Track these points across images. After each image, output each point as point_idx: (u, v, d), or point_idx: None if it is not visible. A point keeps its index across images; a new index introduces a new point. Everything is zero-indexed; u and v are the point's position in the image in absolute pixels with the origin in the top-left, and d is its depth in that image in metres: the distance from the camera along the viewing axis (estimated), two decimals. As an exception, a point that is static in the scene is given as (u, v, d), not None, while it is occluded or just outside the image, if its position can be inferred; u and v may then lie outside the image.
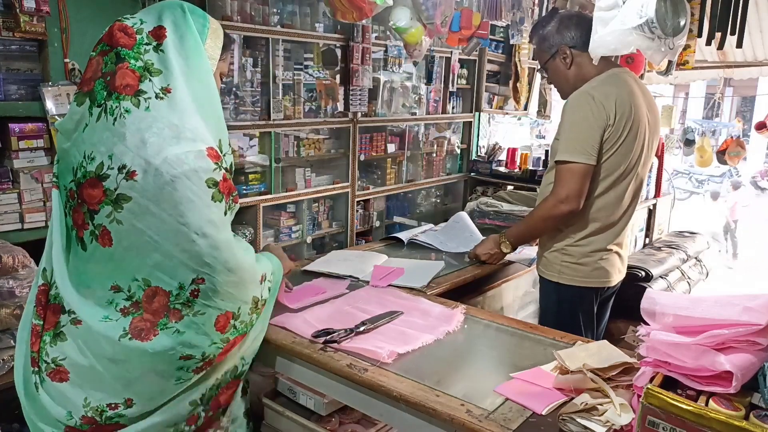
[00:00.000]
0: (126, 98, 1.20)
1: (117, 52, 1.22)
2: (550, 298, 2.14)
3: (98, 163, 1.19)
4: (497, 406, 1.27)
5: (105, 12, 2.21)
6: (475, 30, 3.30)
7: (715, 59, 5.26)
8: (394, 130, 4.23)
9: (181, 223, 1.19)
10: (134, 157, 1.18)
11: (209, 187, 1.22)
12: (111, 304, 1.23)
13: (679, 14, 1.88)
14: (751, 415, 0.93)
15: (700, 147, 7.39)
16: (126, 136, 1.18)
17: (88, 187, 1.20)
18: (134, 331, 1.22)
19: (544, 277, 2.14)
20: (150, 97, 1.21)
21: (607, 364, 1.33)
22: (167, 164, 1.18)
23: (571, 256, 2.05)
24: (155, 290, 1.22)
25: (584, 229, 2.03)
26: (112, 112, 1.19)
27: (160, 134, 1.19)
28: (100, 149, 1.19)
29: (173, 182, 1.18)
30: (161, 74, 1.22)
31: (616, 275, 2.11)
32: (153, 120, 1.20)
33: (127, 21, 1.26)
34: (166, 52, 1.24)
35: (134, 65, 1.21)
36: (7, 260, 1.77)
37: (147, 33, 1.25)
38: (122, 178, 1.18)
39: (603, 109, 1.90)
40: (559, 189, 1.95)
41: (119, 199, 1.18)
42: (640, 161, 2.03)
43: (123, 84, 1.20)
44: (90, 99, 1.22)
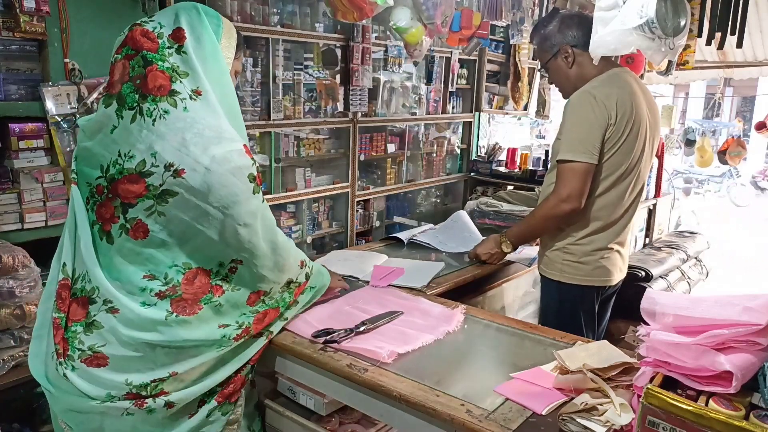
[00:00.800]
0: (162, 99, 1.24)
1: (143, 55, 1.25)
2: (551, 297, 2.14)
3: (139, 160, 1.25)
4: (497, 406, 1.27)
5: (105, 12, 2.21)
6: (475, 30, 3.30)
7: (715, 59, 5.26)
8: (394, 130, 4.23)
9: (227, 215, 1.28)
10: (181, 156, 1.24)
11: (250, 181, 1.31)
12: (144, 291, 1.29)
13: (679, 14, 1.88)
14: (751, 415, 0.93)
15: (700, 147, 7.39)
16: (167, 136, 1.24)
17: (127, 183, 1.25)
18: (178, 308, 1.30)
19: (546, 276, 2.14)
20: (185, 98, 1.26)
21: (607, 364, 1.33)
22: (216, 163, 1.25)
23: (573, 255, 2.05)
24: (196, 272, 1.33)
25: (586, 227, 2.03)
26: (150, 114, 1.24)
27: (202, 135, 1.25)
28: (139, 147, 1.25)
29: (222, 179, 1.26)
30: (188, 76, 1.27)
31: (617, 274, 2.11)
32: (192, 121, 1.25)
33: (146, 25, 1.29)
34: (188, 53, 1.27)
35: (163, 66, 1.25)
36: (7, 260, 1.77)
37: (167, 36, 1.28)
38: (169, 176, 1.24)
39: (605, 109, 1.90)
40: (560, 188, 1.95)
41: (164, 194, 1.25)
42: (642, 160, 2.03)
43: (156, 85, 1.24)
44: (118, 102, 1.26)
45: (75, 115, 2.13)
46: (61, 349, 1.31)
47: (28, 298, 1.79)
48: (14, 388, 1.75)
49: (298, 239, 3.62)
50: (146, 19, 1.31)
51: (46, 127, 2.10)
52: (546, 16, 2.19)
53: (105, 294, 1.29)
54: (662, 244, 3.95)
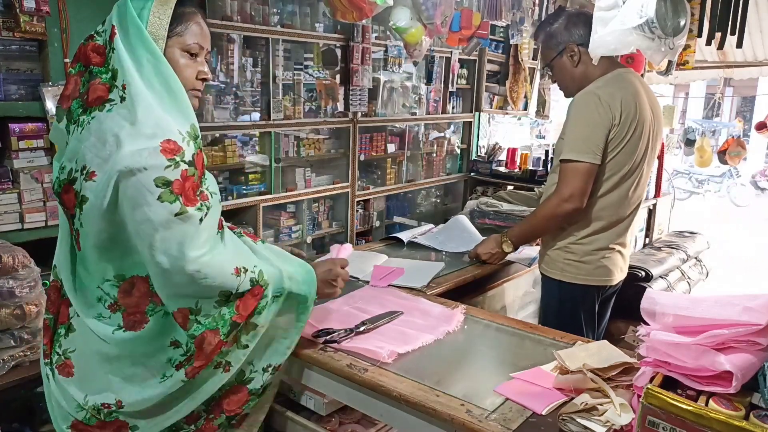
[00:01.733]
0: (94, 109, 1.21)
1: (90, 70, 1.24)
2: (552, 296, 2.14)
3: (69, 169, 1.23)
4: (497, 406, 1.27)
5: (105, 12, 2.18)
6: (475, 30, 3.30)
7: (715, 59, 5.26)
8: (394, 130, 4.23)
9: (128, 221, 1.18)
10: (93, 158, 1.18)
11: (157, 186, 1.15)
12: (100, 301, 1.27)
13: (679, 14, 1.88)
14: (751, 415, 0.93)
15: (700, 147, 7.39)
16: (87, 139, 1.19)
17: (64, 194, 1.24)
18: (128, 324, 1.26)
19: (547, 275, 2.14)
20: (115, 102, 1.20)
21: (607, 364, 1.33)
22: (122, 164, 1.14)
23: (574, 254, 2.05)
24: (132, 281, 1.25)
25: (588, 227, 2.03)
26: (82, 124, 1.22)
27: (117, 133, 1.16)
28: (69, 157, 1.23)
29: (127, 181, 1.15)
30: (119, 73, 1.20)
31: (618, 274, 2.11)
32: (111, 120, 1.18)
33: (98, 39, 1.26)
34: (117, 48, 1.21)
35: (105, 78, 1.21)
36: (7, 260, 1.77)
37: (107, 39, 1.23)
38: (83, 179, 1.19)
39: (609, 109, 1.91)
40: (562, 188, 1.95)
41: (82, 201, 1.20)
42: (644, 161, 2.04)
43: (94, 98, 1.21)
44: (67, 117, 1.26)
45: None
46: (48, 350, 1.34)
47: (28, 298, 1.78)
48: (14, 388, 1.75)
49: (298, 239, 3.62)
50: (100, 29, 1.28)
51: (46, 127, 2.10)
52: (552, 14, 2.19)
53: (72, 301, 1.31)
54: (662, 244, 3.95)
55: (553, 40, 2.06)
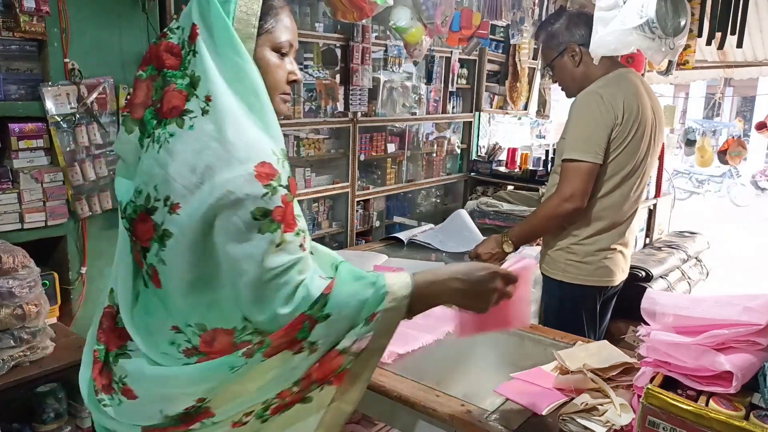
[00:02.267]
0: (171, 122, 1.04)
1: (164, 75, 1.07)
2: (553, 296, 2.14)
3: (145, 195, 1.06)
4: (497, 406, 1.27)
5: (105, 12, 2.21)
6: (475, 30, 3.30)
7: (716, 59, 5.26)
8: (394, 130, 4.23)
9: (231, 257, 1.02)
10: (178, 187, 1.01)
11: (255, 218, 1.00)
12: (173, 344, 1.09)
13: (679, 14, 1.88)
14: (751, 415, 0.93)
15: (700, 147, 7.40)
16: (169, 164, 1.02)
17: (140, 222, 1.07)
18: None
19: (548, 276, 2.14)
20: (196, 115, 1.03)
21: (608, 364, 1.33)
22: (213, 194, 0.99)
23: (576, 255, 2.05)
24: (213, 334, 1.07)
25: (589, 227, 2.03)
26: (158, 140, 1.05)
27: (203, 156, 1.00)
28: (146, 180, 1.06)
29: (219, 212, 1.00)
30: (201, 81, 1.04)
31: (619, 274, 2.11)
32: (196, 140, 1.01)
33: (172, 37, 1.09)
34: (199, 52, 1.04)
35: (181, 84, 1.05)
36: (7, 260, 1.76)
37: (186, 40, 1.06)
38: (166, 211, 1.03)
39: (611, 109, 1.91)
40: (564, 187, 1.95)
41: (164, 235, 1.04)
42: (646, 161, 2.04)
43: (170, 107, 1.04)
44: (141, 130, 1.09)
45: (75, 115, 2.13)
46: (99, 385, 1.16)
47: (28, 298, 1.78)
48: (14, 388, 1.75)
49: (298, 239, 3.61)
50: (173, 25, 1.11)
51: (46, 127, 2.10)
52: (553, 13, 2.20)
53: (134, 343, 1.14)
54: (662, 244, 3.94)
55: (554, 40, 2.06)
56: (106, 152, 2.26)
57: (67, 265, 2.21)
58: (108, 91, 2.23)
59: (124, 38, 2.27)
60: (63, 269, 2.20)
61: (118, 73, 2.27)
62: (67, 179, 2.15)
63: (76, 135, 2.15)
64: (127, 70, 2.29)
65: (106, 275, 2.34)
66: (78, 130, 2.15)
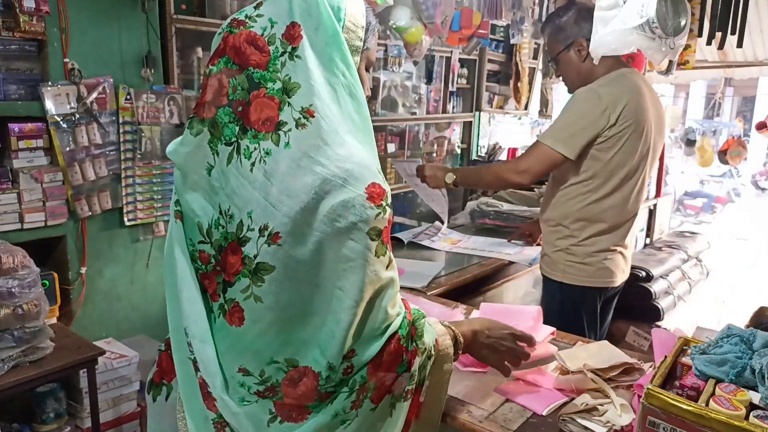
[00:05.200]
0: (266, 137, 0.91)
1: (249, 74, 0.93)
2: (553, 298, 2.14)
3: (237, 222, 0.92)
4: (497, 406, 1.27)
5: (105, 12, 2.21)
6: (475, 29, 3.29)
7: (716, 59, 5.25)
8: (394, 130, 4.23)
9: (338, 287, 0.93)
10: (276, 214, 0.90)
11: (372, 239, 0.93)
12: (242, 386, 0.97)
13: (679, 14, 1.88)
14: (751, 415, 0.93)
15: (700, 147, 7.40)
16: (266, 187, 0.90)
17: (230, 253, 0.93)
18: (283, 413, 0.97)
19: (548, 277, 2.14)
20: (290, 128, 0.91)
21: (608, 364, 1.33)
22: (325, 222, 0.90)
23: (576, 256, 2.05)
24: (303, 371, 0.95)
25: (590, 229, 2.03)
26: (248, 155, 0.91)
27: (310, 179, 0.89)
28: (237, 203, 0.92)
29: (333, 243, 0.91)
30: (299, 90, 0.92)
31: (620, 275, 2.11)
32: (295, 160, 0.90)
33: (253, 26, 0.94)
34: (303, 58, 0.93)
35: (272, 89, 0.92)
36: (6, 260, 1.76)
37: (280, 37, 0.93)
38: (264, 242, 0.91)
39: (605, 110, 1.90)
40: (523, 160, 2.01)
41: (259, 269, 0.92)
42: (646, 162, 2.03)
43: (262, 118, 0.91)
44: (212, 131, 0.94)
45: (74, 115, 2.13)
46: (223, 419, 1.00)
47: (28, 298, 1.78)
48: (14, 388, 1.75)
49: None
50: (251, 12, 0.96)
51: (46, 127, 2.10)
52: (561, 6, 2.16)
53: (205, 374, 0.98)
54: (663, 244, 3.94)
55: (561, 33, 2.05)
56: (105, 152, 2.26)
57: (66, 265, 2.21)
58: (108, 91, 2.23)
59: (123, 38, 2.27)
60: (63, 269, 2.20)
61: (117, 73, 2.27)
62: (67, 179, 2.15)
63: (75, 135, 2.15)
64: (127, 70, 2.29)
65: (105, 275, 2.34)
66: (78, 130, 2.15)
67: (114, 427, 2.16)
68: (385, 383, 1.00)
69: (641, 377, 1.30)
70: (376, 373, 0.98)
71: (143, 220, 2.41)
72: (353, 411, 0.97)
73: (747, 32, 2.43)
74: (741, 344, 1.06)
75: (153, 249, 2.46)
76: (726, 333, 1.11)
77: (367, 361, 0.98)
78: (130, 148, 2.33)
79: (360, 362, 0.97)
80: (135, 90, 2.30)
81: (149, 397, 1.14)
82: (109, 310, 2.38)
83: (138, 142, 2.33)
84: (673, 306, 3.37)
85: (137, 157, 2.34)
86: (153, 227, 2.46)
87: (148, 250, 2.46)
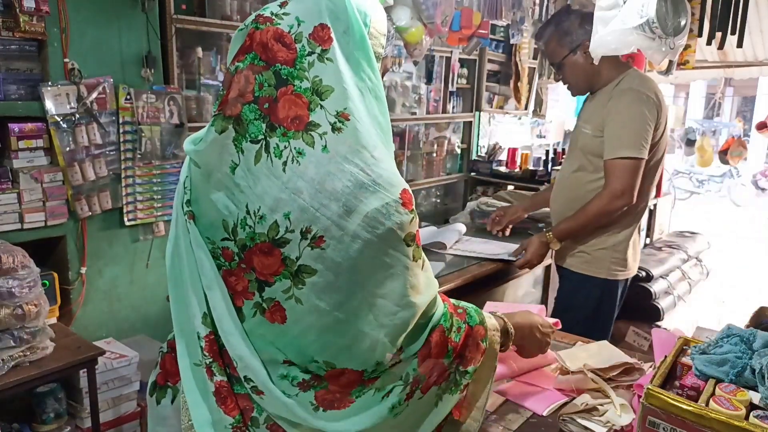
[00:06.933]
0: (296, 135, 0.90)
1: (276, 71, 0.91)
2: (591, 296, 2.16)
3: (271, 223, 0.90)
4: (497, 406, 1.27)
5: (105, 12, 2.21)
6: (475, 29, 3.29)
7: (716, 59, 5.26)
8: (394, 130, 4.23)
9: (379, 295, 0.93)
10: (319, 217, 0.89)
11: (408, 244, 0.95)
12: (285, 378, 0.97)
13: (679, 14, 1.88)
14: (751, 415, 0.93)
15: (700, 147, 7.41)
16: (303, 189, 0.89)
17: (261, 254, 0.92)
18: (324, 403, 0.97)
19: (588, 275, 2.15)
20: (325, 131, 0.90)
21: (608, 364, 1.33)
22: (365, 227, 0.90)
23: (620, 252, 2.12)
24: (342, 371, 0.96)
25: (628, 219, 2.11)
26: (279, 154, 0.90)
27: (347, 183, 0.89)
28: (267, 203, 0.90)
29: (372, 249, 0.91)
30: (332, 93, 0.92)
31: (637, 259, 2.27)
32: (336, 164, 0.89)
33: (280, 23, 0.93)
34: (335, 61, 0.92)
35: (300, 87, 0.91)
36: (6, 260, 1.76)
37: (307, 37, 0.93)
38: (306, 245, 0.90)
39: (655, 107, 1.99)
40: (614, 184, 1.99)
41: (301, 271, 0.91)
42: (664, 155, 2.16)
43: (291, 116, 0.90)
44: (236, 128, 0.92)
45: (74, 115, 2.13)
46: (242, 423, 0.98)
47: (28, 298, 1.78)
48: (14, 388, 1.75)
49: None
50: (276, 10, 0.95)
51: (46, 127, 2.10)
52: (561, 12, 2.22)
53: (245, 370, 0.96)
54: (663, 244, 3.95)
55: (567, 38, 2.09)
56: (105, 152, 2.26)
57: (66, 265, 2.21)
58: (107, 91, 2.23)
59: (123, 38, 2.27)
60: (62, 269, 2.20)
61: (117, 73, 2.27)
62: (67, 179, 2.15)
63: (75, 135, 2.15)
64: (127, 70, 2.29)
65: (105, 275, 2.34)
66: (78, 130, 2.15)
67: (114, 427, 2.16)
68: (434, 373, 1.01)
69: (641, 377, 1.30)
70: (424, 363, 1.00)
71: (143, 220, 2.41)
72: (406, 403, 0.99)
73: (747, 32, 2.43)
74: (741, 344, 1.06)
75: (153, 249, 2.46)
76: (726, 333, 1.11)
77: (415, 353, 0.99)
78: (130, 148, 2.33)
79: (407, 354, 0.99)
80: (135, 90, 2.30)
81: (152, 400, 1.12)
82: (109, 310, 2.38)
83: (138, 142, 2.33)
84: (673, 306, 3.37)
85: (137, 157, 2.34)
86: (153, 227, 2.46)
87: (148, 250, 2.46)
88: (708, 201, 11.46)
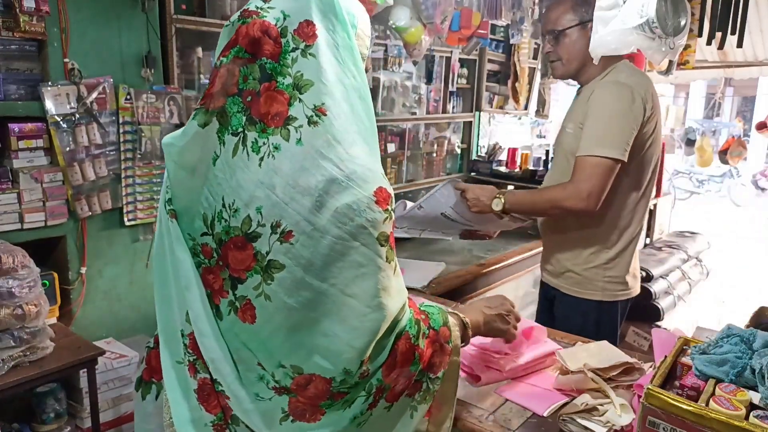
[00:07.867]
0: (275, 132, 0.90)
1: (262, 65, 0.92)
2: (589, 319, 1.92)
3: (244, 216, 0.90)
4: (498, 406, 1.27)
5: (105, 12, 2.21)
6: (475, 29, 3.30)
7: (716, 59, 5.26)
8: (394, 130, 4.23)
9: (349, 294, 0.91)
10: (288, 211, 0.89)
11: (381, 244, 0.93)
12: (261, 380, 0.96)
13: (679, 14, 1.87)
14: (751, 415, 0.93)
15: (700, 147, 7.41)
16: (277, 185, 0.89)
17: (234, 249, 0.92)
18: (296, 413, 0.96)
19: (582, 297, 1.92)
20: (301, 124, 0.90)
21: (608, 364, 1.33)
22: (334, 222, 0.89)
23: (614, 270, 1.90)
24: (309, 378, 0.94)
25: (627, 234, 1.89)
26: (257, 149, 0.90)
27: (319, 177, 0.89)
28: (242, 197, 0.91)
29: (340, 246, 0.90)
30: (311, 87, 0.92)
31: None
32: (306, 157, 0.89)
33: (266, 15, 0.93)
34: (317, 56, 0.92)
35: (282, 84, 0.91)
36: (6, 260, 1.76)
37: (292, 32, 0.93)
38: (276, 240, 0.89)
39: (642, 103, 1.77)
40: (581, 184, 1.72)
41: (270, 266, 0.90)
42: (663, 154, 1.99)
43: (272, 112, 0.91)
44: (220, 121, 0.93)
45: (74, 115, 2.13)
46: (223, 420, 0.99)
47: (28, 298, 1.78)
48: (14, 388, 1.75)
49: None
50: (261, 4, 0.95)
51: (46, 127, 2.10)
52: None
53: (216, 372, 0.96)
54: (663, 244, 3.95)
55: (582, 7, 1.88)
56: (105, 152, 2.26)
57: (66, 265, 2.21)
58: (108, 91, 2.23)
59: (123, 38, 2.27)
60: (62, 269, 2.20)
61: (117, 73, 2.27)
62: (67, 179, 2.15)
63: (75, 135, 2.15)
64: (127, 70, 2.29)
65: (105, 275, 2.34)
66: (78, 130, 2.15)
67: (114, 427, 2.17)
68: (400, 382, 1.00)
69: (641, 377, 1.30)
70: (390, 374, 0.99)
71: (143, 220, 2.41)
72: (369, 412, 0.98)
73: (747, 32, 2.43)
74: (741, 344, 1.06)
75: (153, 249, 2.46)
76: (726, 333, 1.11)
77: (381, 363, 0.97)
78: (130, 148, 2.33)
79: (374, 365, 0.97)
80: (135, 90, 2.30)
81: (138, 395, 1.13)
82: (109, 310, 2.38)
83: (138, 142, 2.33)
84: (673, 306, 3.37)
85: (137, 157, 2.34)
86: (153, 227, 2.46)
87: (148, 250, 2.46)
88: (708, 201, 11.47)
